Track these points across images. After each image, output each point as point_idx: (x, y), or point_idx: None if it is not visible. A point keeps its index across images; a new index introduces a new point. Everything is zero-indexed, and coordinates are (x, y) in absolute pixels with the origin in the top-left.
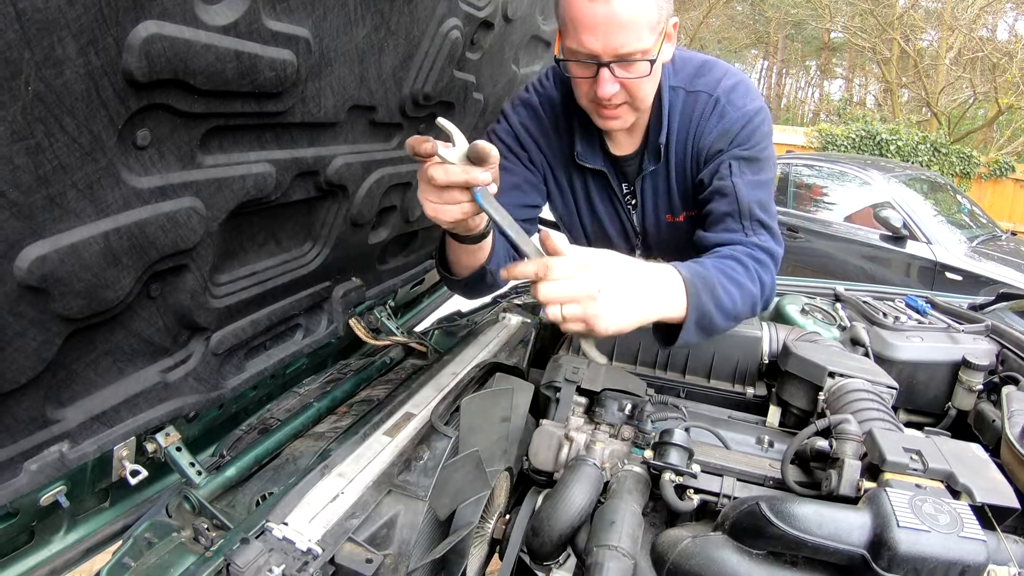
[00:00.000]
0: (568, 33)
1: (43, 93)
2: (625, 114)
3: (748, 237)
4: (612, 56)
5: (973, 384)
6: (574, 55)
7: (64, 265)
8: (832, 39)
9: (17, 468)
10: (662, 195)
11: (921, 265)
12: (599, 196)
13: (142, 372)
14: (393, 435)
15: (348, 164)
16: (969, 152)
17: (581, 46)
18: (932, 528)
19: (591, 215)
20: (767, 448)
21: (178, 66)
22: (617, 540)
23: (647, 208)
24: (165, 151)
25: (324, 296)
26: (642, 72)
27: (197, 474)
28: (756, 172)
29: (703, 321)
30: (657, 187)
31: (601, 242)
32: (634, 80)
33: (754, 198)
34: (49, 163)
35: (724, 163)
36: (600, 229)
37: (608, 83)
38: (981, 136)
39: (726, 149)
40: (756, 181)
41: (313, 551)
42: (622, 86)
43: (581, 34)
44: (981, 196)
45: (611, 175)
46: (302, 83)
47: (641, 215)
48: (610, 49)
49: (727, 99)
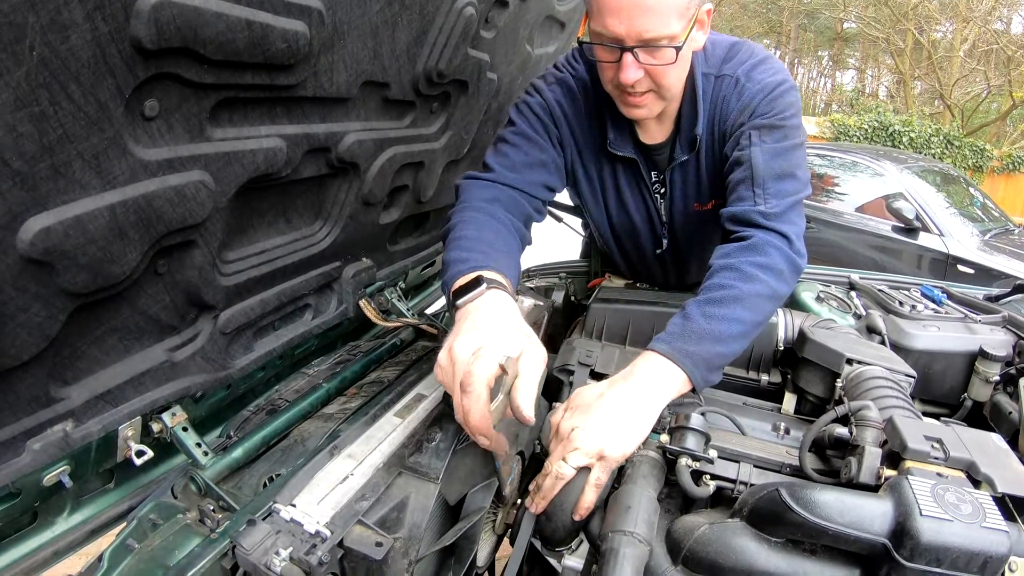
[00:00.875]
0: (593, 15)
1: (48, 58)
2: (651, 102)
3: (756, 205)
4: (636, 40)
5: (990, 375)
6: (598, 38)
7: (69, 238)
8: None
9: (20, 447)
10: (691, 184)
11: (933, 257)
12: (628, 185)
13: (148, 350)
14: (404, 416)
15: (360, 141)
16: (982, 145)
17: (605, 29)
18: (955, 518)
19: (618, 204)
20: (783, 435)
21: (188, 34)
22: (633, 526)
23: (675, 197)
24: (174, 122)
25: (334, 276)
26: (668, 59)
27: (203, 455)
28: (778, 140)
29: (713, 364)
30: (687, 176)
31: (627, 232)
32: (659, 67)
33: (772, 165)
34: (54, 132)
35: (744, 134)
36: (627, 219)
37: (631, 68)
38: (994, 130)
39: (747, 122)
40: (776, 149)
41: (321, 533)
42: (646, 72)
43: (606, 16)
44: (994, 190)
45: (641, 164)
46: (314, 56)
47: (669, 204)
48: (634, 33)
49: (747, 76)
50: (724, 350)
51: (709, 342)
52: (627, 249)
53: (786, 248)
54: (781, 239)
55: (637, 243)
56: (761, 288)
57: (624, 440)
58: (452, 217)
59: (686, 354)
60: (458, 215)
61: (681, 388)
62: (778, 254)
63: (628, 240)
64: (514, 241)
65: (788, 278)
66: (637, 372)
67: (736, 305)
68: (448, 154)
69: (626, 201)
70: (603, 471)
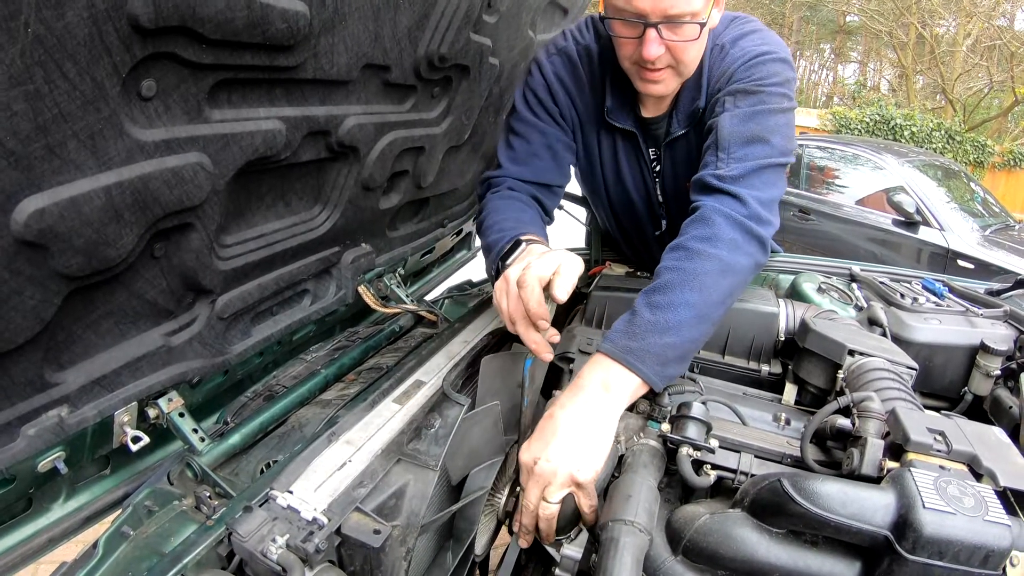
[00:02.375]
0: None
1: (43, 35)
2: (668, 78)
3: (716, 169)
4: (661, 16)
5: (991, 369)
6: (620, 13)
7: (64, 219)
8: (848, 22)
9: (14, 433)
10: (682, 161)
11: (932, 251)
12: (626, 159)
13: (145, 335)
14: (403, 403)
15: (360, 125)
16: (983, 141)
17: (629, 4)
18: (957, 511)
19: (616, 178)
20: (784, 426)
21: (186, 12)
22: (634, 515)
23: (667, 175)
24: (171, 103)
25: (333, 261)
26: (690, 35)
27: (200, 441)
28: (752, 104)
29: (666, 358)
30: (678, 152)
31: (626, 211)
32: (681, 43)
33: (739, 129)
34: (49, 111)
35: (719, 101)
36: (624, 195)
37: (654, 44)
38: (996, 125)
39: (724, 87)
40: (748, 112)
41: (319, 520)
42: (667, 49)
43: None
44: (995, 185)
45: (640, 138)
46: (315, 37)
47: (662, 182)
48: (659, 9)
49: (732, 44)
50: (675, 339)
51: (656, 334)
52: (628, 230)
53: (737, 213)
54: (735, 202)
55: (637, 223)
56: (709, 264)
57: (589, 460)
58: (479, 214)
59: (632, 352)
60: (483, 211)
61: (636, 390)
62: (726, 222)
63: (627, 220)
64: (536, 214)
65: (744, 246)
66: (585, 383)
67: (682, 289)
68: (449, 139)
69: (624, 176)
70: (585, 494)
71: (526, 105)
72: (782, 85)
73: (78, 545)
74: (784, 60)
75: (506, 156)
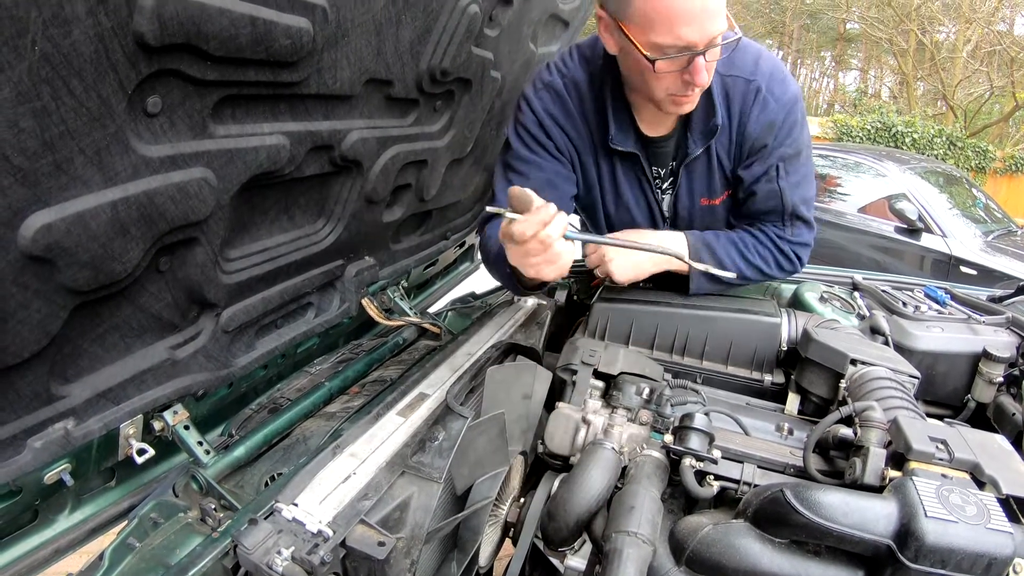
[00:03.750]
0: (659, 29)
1: (50, 53)
2: (695, 95)
3: (784, 232)
4: (707, 43)
5: (993, 376)
6: (668, 51)
7: (70, 234)
8: (848, 30)
9: (21, 445)
10: (700, 178)
11: (935, 258)
12: (626, 180)
13: (150, 348)
14: (407, 415)
15: (363, 139)
16: (985, 146)
17: (679, 40)
18: (960, 519)
19: (615, 199)
20: (786, 436)
21: (191, 30)
22: (637, 526)
23: (682, 191)
24: (176, 119)
25: (337, 275)
26: (726, 51)
27: (205, 453)
28: (799, 168)
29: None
30: (696, 169)
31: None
32: (713, 61)
33: (798, 196)
34: (56, 127)
35: (772, 165)
36: (625, 214)
37: (704, 71)
38: (997, 131)
39: (771, 144)
40: (799, 179)
41: (323, 533)
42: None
43: (679, 27)
44: (996, 191)
45: (643, 158)
46: (318, 53)
47: (674, 199)
48: (707, 37)
49: (767, 88)
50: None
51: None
52: None
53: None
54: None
55: None
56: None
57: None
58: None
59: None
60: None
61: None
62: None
63: None
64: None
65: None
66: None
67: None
68: (451, 153)
69: (626, 199)
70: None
71: (521, 142)
72: (806, 125)
73: (84, 556)
74: (800, 95)
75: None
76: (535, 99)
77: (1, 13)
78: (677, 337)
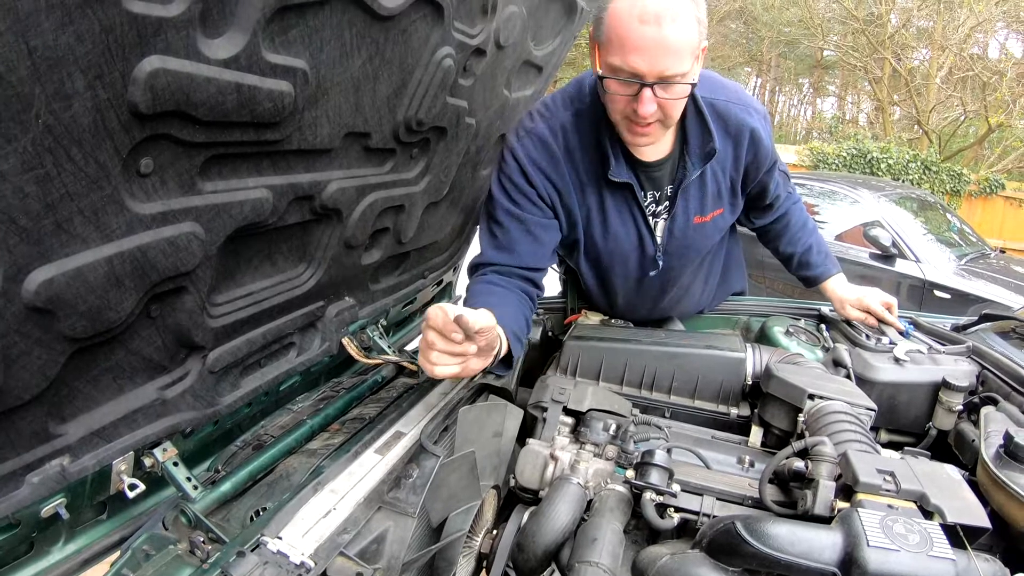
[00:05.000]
0: (613, 50)
1: (53, 125)
2: (656, 131)
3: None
4: (656, 77)
5: (953, 405)
6: (617, 72)
7: (70, 288)
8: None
9: (19, 481)
10: (695, 198)
11: (910, 283)
12: (616, 210)
13: (141, 389)
14: (384, 453)
15: (342, 188)
16: (959, 170)
17: (627, 65)
18: (902, 547)
19: (603, 232)
20: (748, 468)
21: (181, 99)
22: (598, 556)
23: (679, 212)
24: (167, 178)
25: (318, 315)
26: (681, 94)
27: (193, 488)
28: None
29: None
30: (691, 190)
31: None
32: (671, 101)
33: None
34: (57, 191)
35: (772, 180)
36: (615, 244)
37: (649, 103)
38: (971, 154)
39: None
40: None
41: (306, 564)
42: (658, 106)
43: (629, 54)
44: (971, 213)
45: (636, 187)
46: (299, 112)
47: (671, 221)
48: (656, 71)
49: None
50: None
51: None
52: (611, 280)
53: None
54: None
55: (625, 272)
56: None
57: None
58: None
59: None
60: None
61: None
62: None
63: (615, 270)
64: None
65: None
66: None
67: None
68: (428, 196)
69: (614, 231)
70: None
71: (503, 191)
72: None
73: None
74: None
75: (488, 244)
76: (518, 147)
77: (8, 91)
78: (646, 373)
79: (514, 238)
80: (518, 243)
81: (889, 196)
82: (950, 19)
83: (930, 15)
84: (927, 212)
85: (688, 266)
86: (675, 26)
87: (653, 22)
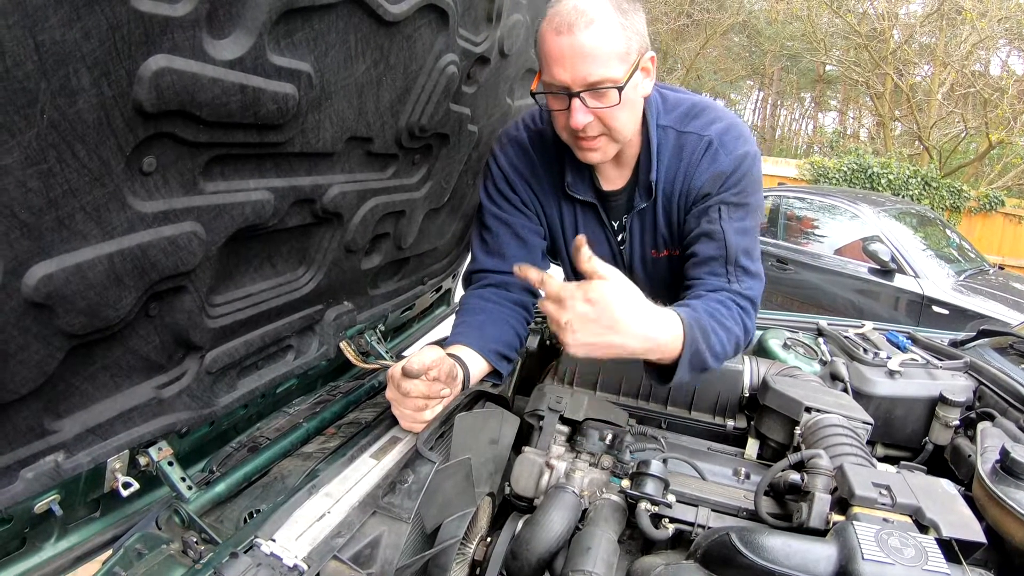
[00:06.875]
0: (543, 67)
1: (57, 121)
2: (604, 145)
3: (731, 284)
4: (582, 85)
5: (950, 420)
6: (548, 87)
7: (69, 284)
8: (827, 72)
9: (14, 476)
10: (648, 231)
11: (909, 299)
12: (590, 228)
13: (137, 387)
14: (379, 458)
15: (344, 192)
16: (959, 186)
17: (553, 78)
18: (896, 561)
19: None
20: (743, 480)
21: (185, 98)
22: (592, 566)
23: (634, 243)
24: (169, 177)
25: (316, 319)
26: (612, 101)
27: (187, 489)
28: (743, 218)
29: (695, 360)
30: (644, 223)
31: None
32: (606, 110)
33: (740, 244)
34: (59, 187)
35: (713, 207)
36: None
37: (580, 113)
38: (972, 170)
39: (714, 193)
40: (743, 227)
41: (299, 567)
42: (596, 117)
43: (552, 66)
44: (970, 230)
45: (601, 209)
46: (302, 115)
47: (629, 251)
48: (578, 79)
49: (720, 141)
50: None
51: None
52: None
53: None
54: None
55: None
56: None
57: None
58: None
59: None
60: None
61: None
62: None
63: None
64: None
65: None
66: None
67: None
68: (429, 203)
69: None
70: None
71: (488, 198)
72: (759, 190)
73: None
74: (757, 155)
75: (479, 250)
76: (500, 154)
77: (13, 85)
78: (643, 384)
79: (503, 242)
80: (507, 247)
81: (889, 211)
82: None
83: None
84: (927, 228)
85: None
86: (589, 31)
87: (567, 31)
